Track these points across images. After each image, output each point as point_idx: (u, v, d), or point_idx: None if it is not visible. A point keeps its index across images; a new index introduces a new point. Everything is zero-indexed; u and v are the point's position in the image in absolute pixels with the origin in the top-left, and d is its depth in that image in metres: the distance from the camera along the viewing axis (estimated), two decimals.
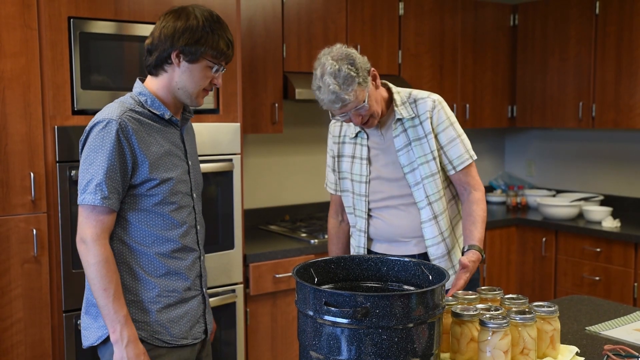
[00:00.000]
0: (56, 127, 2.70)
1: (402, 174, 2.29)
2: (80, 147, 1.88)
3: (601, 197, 4.44)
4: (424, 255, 2.32)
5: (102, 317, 1.81)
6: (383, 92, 2.30)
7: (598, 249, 3.93)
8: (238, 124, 3.16)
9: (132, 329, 1.81)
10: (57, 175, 2.71)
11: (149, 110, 1.91)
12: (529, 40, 4.61)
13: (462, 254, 2.17)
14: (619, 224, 3.96)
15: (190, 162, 2.00)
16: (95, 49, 2.79)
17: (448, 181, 2.35)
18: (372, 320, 1.42)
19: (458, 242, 2.37)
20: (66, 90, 2.73)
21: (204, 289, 2.04)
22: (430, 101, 2.29)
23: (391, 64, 4.05)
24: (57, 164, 2.71)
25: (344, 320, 1.43)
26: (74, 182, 2.72)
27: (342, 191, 2.45)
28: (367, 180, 2.34)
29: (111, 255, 1.81)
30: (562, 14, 4.37)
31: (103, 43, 2.81)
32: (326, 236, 3.57)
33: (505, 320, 1.61)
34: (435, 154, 2.27)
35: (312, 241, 3.51)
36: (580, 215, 4.27)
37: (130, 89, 2.91)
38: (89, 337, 1.91)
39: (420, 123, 2.28)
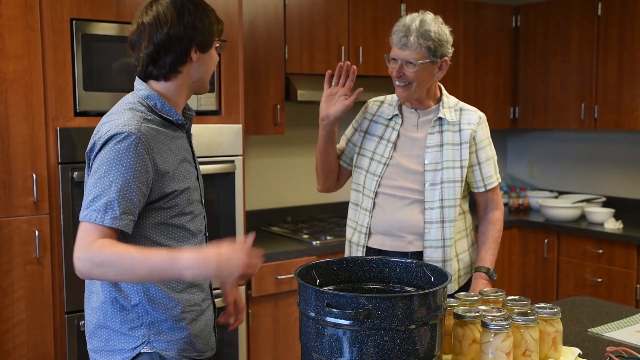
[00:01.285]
0: (58, 128, 2.70)
1: (423, 169, 2.31)
2: (90, 158, 1.69)
3: (603, 199, 4.44)
4: (418, 255, 2.31)
5: (161, 278, 1.61)
6: (436, 90, 2.37)
7: (600, 251, 3.92)
8: (240, 126, 3.16)
9: (186, 251, 1.56)
10: (59, 177, 2.71)
11: (159, 115, 1.74)
12: (531, 41, 4.60)
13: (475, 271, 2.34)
14: (621, 226, 3.95)
15: (198, 167, 1.89)
16: (98, 51, 2.80)
17: (464, 195, 2.38)
18: (374, 321, 1.42)
19: (457, 257, 2.36)
20: (68, 91, 2.74)
21: (213, 297, 1.93)
22: (477, 116, 2.37)
23: None
24: (60, 166, 2.71)
25: (346, 322, 1.43)
26: (76, 184, 2.73)
27: (355, 167, 2.44)
28: (386, 162, 2.34)
29: (105, 243, 1.56)
30: (564, 15, 4.37)
31: (105, 45, 2.82)
32: (328, 237, 3.58)
33: (507, 322, 1.61)
34: (465, 163, 2.32)
35: (314, 242, 3.51)
36: (583, 217, 4.27)
37: (131, 91, 2.92)
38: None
39: (460, 130, 2.33)
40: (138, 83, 1.80)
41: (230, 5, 3.12)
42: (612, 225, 3.95)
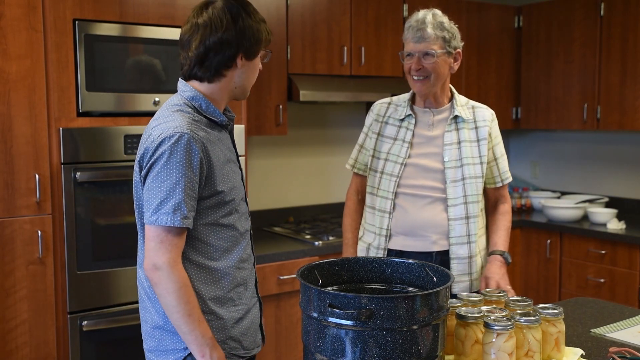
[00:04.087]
0: (61, 129, 2.71)
1: (442, 167, 2.31)
2: (147, 165, 1.69)
3: (606, 199, 4.43)
4: (443, 254, 2.31)
5: (187, 343, 1.68)
6: (449, 87, 2.41)
7: (603, 251, 3.92)
8: (242, 126, 3.17)
9: (220, 351, 1.70)
10: (62, 177, 2.71)
11: (205, 116, 1.77)
12: (533, 42, 4.60)
13: (489, 256, 2.34)
14: (623, 226, 3.95)
15: (242, 167, 1.92)
16: (100, 51, 2.80)
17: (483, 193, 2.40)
18: (377, 322, 1.42)
19: (480, 253, 2.38)
20: (71, 92, 2.74)
21: (259, 295, 1.96)
22: (489, 112, 2.42)
23: (395, 66, 4.05)
24: (62, 166, 2.72)
25: (348, 322, 1.43)
26: (78, 184, 2.73)
27: (370, 170, 2.42)
28: (404, 162, 2.34)
29: (188, 278, 1.68)
30: (566, 15, 4.36)
31: (108, 45, 2.82)
32: (331, 238, 3.57)
33: (509, 323, 1.61)
34: (484, 159, 2.35)
35: (316, 243, 3.51)
36: (585, 217, 4.26)
37: (134, 91, 2.92)
38: None
39: (476, 128, 2.37)
40: (182, 84, 1.81)
41: None
42: (615, 225, 3.94)
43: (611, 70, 4.12)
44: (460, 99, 2.41)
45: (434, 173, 2.32)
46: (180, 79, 1.82)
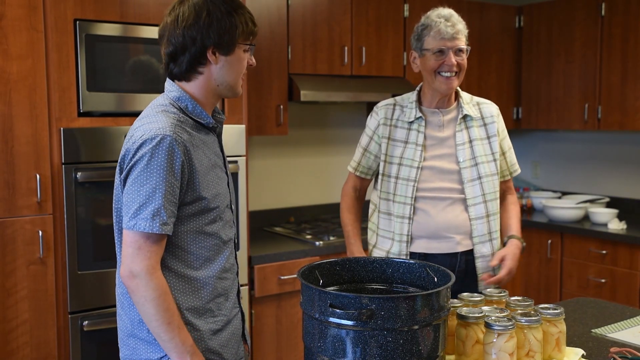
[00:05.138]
0: (62, 129, 2.71)
1: (458, 167, 2.31)
2: (127, 167, 1.63)
3: (607, 199, 4.43)
4: (467, 254, 2.31)
5: (166, 351, 1.63)
6: None
7: (604, 251, 3.91)
8: (243, 126, 3.17)
9: (201, 357, 1.64)
10: (62, 177, 2.72)
11: (191, 118, 1.71)
12: (534, 42, 4.60)
13: (504, 245, 2.36)
14: (624, 226, 3.94)
15: (228, 172, 1.84)
16: (101, 51, 2.80)
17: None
18: (377, 322, 1.42)
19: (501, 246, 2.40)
20: (72, 92, 2.74)
21: (241, 305, 1.89)
22: (494, 107, 2.44)
23: (396, 66, 4.05)
24: (63, 166, 2.72)
25: (349, 322, 1.43)
26: (79, 184, 2.73)
27: (384, 175, 2.37)
28: (419, 166, 2.32)
29: (167, 286, 1.61)
30: (567, 15, 4.36)
31: (109, 45, 2.82)
32: (331, 238, 3.57)
33: (510, 323, 1.61)
34: (497, 156, 2.36)
35: (317, 243, 3.51)
36: (586, 217, 4.26)
37: (135, 91, 2.92)
38: None
39: (485, 125, 2.37)
40: (168, 84, 1.75)
41: None
42: (616, 225, 3.94)
43: (612, 70, 4.12)
44: (465, 96, 2.41)
45: (450, 174, 2.31)
46: (167, 78, 1.77)
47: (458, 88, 2.40)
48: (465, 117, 2.35)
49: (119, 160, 1.69)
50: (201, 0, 1.67)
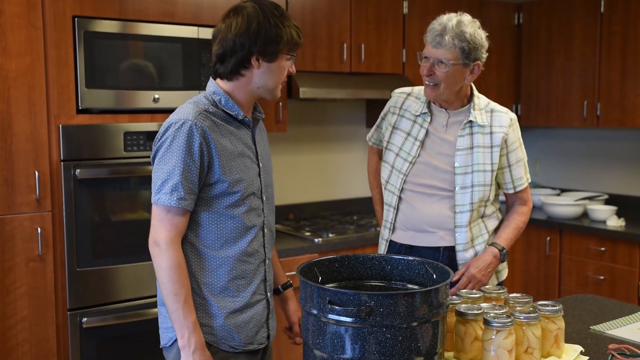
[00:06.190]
0: (61, 126, 2.71)
1: (452, 170, 2.29)
2: (155, 149, 1.83)
3: (606, 196, 4.43)
4: (450, 250, 2.31)
5: (171, 321, 1.77)
6: (467, 91, 2.33)
7: (602, 248, 3.92)
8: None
9: (200, 336, 1.76)
10: (61, 174, 2.72)
11: (223, 110, 1.87)
12: (534, 39, 4.59)
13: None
14: (623, 223, 3.95)
15: (261, 164, 1.95)
16: (100, 48, 2.80)
17: (495, 196, 2.37)
18: (376, 319, 1.42)
19: None
20: (71, 89, 2.74)
21: (268, 294, 1.98)
22: (508, 118, 2.33)
23: (395, 63, 4.05)
24: (62, 163, 2.72)
25: (348, 319, 1.43)
26: (78, 181, 2.73)
27: (383, 161, 2.43)
28: (413, 161, 2.32)
29: (183, 260, 1.77)
30: (567, 13, 4.36)
31: (108, 42, 2.82)
32: (330, 235, 3.57)
33: (509, 319, 1.61)
34: (495, 167, 2.29)
35: (316, 240, 3.51)
36: (585, 215, 4.26)
37: (134, 88, 2.93)
38: (162, 337, 1.89)
39: (491, 133, 2.30)
40: (210, 81, 1.93)
41: (232, 2, 3.12)
42: (615, 222, 3.94)
43: (611, 67, 4.12)
44: (480, 101, 2.33)
45: (444, 174, 2.30)
46: (210, 77, 1.93)
47: (476, 92, 2.35)
48: (471, 122, 2.29)
49: (153, 143, 1.87)
50: (254, 11, 1.84)
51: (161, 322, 1.90)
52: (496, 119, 2.31)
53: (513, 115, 2.35)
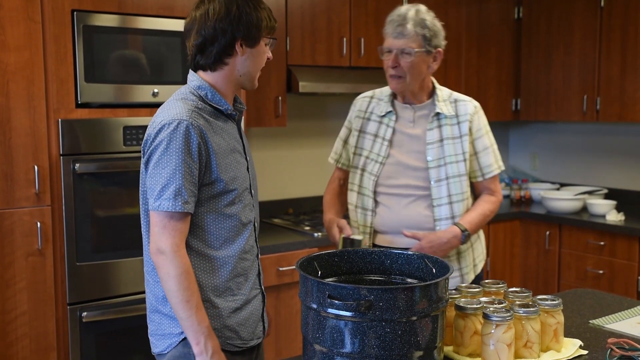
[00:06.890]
0: (60, 120, 2.70)
1: (425, 166, 2.29)
2: (148, 152, 1.74)
3: (605, 191, 4.43)
4: None
5: (183, 329, 1.71)
6: (429, 83, 2.35)
7: (602, 243, 3.92)
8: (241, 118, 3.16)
9: (215, 340, 1.72)
10: (61, 168, 2.71)
11: (210, 105, 1.80)
12: (534, 33, 4.59)
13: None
14: (623, 218, 3.95)
15: (248, 158, 1.92)
16: (99, 42, 2.79)
17: (471, 188, 2.36)
18: (376, 313, 1.42)
19: (472, 247, 2.37)
20: (70, 83, 2.74)
21: (262, 287, 1.96)
22: (472, 106, 2.34)
23: None
24: (61, 157, 2.71)
25: (348, 313, 1.43)
26: (77, 175, 2.73)
27: (351, 167, 2.42)
28: (383, 161, 2.32)
29: (190, 265, 1.71)
30: (566, 6, 4.35)
31: (107, 36, 2.81)
32: None
33: (508, 314, 1.61)
34: (467, 156, 2.30)
35: (316, 234, 3.51)
36: (584, 209, 4.26)
37: (133, 82, 2.92)
38: (158, 344, 1.83)
39: (458, 123, 2.31)
40: (190, 74, 1.85)
41: None
42: (614, 217, 3.94)
43: (611, 61, 4.12)
44: (442, 93, 2.35)
45: (416, 171, 2.30)
46: (190, 70, 1.86)
47: (436, 83, 2.36)
48: (437, 114, 2.30)
49: (141, 146, 1.80)
50: None
51: (155, 330, 1.83)
52: (461, 108, 2.33)
53: (477, 103, 2.38)
